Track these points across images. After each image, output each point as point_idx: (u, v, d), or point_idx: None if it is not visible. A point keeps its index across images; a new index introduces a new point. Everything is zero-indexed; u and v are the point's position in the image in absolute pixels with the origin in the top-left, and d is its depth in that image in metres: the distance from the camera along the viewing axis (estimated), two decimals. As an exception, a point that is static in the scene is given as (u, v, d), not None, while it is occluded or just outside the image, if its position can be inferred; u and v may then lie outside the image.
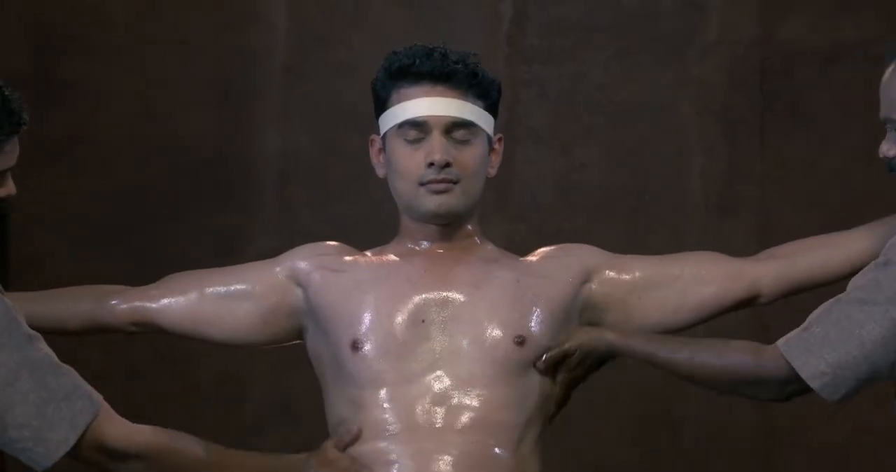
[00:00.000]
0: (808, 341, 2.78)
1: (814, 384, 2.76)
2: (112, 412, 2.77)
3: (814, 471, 4.82)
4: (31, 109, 4.73)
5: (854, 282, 2.80)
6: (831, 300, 2.80)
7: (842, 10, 4.83)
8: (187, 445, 2.91)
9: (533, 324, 3.06)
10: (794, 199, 4.81)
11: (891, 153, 2.92)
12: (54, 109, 4.80)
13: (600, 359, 3.08)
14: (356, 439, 2.99)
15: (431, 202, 3.05)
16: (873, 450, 4.75)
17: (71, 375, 2.71)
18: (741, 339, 2.97)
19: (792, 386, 2.82)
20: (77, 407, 2.70)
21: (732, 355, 2.91)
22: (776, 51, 4.84)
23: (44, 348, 2.69)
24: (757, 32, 4.84)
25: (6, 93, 2.74)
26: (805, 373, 2.76)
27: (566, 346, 3.04)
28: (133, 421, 2.80)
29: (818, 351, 2.76)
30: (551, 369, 3.05)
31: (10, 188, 2.80)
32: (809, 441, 4.81)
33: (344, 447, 3.00)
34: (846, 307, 2.77)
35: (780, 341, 2.81)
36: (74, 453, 2.70)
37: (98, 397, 2.74)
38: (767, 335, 3.06)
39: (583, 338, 3.05)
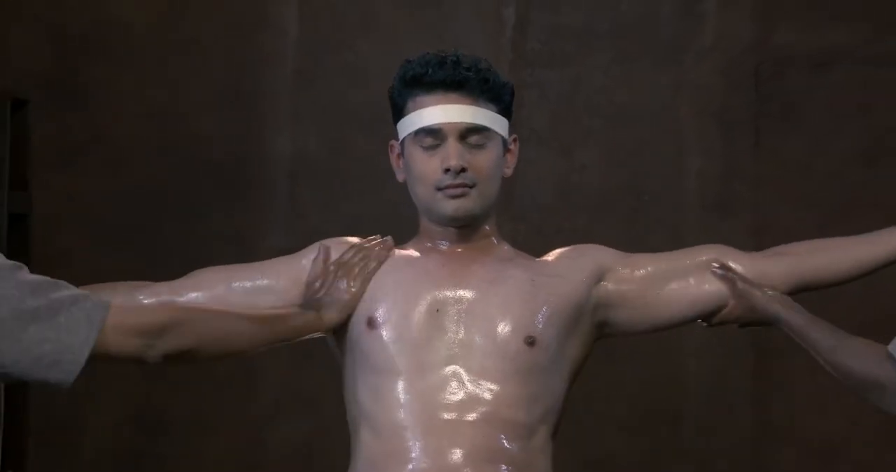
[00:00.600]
0: None
1: None
2: (122, 305, 2.79)
3: (806, 462, 4.82)
4: (51, 112, 4.82)
5: None
6: None
7: (832, 17, 4.83)
8: (204, 308, 2.97)
9: (543, 324, 3.05)
10: (789, 198, 4.81)
11: None
12: (74, 111, 4.83)
13: (760, 321, 3.09)
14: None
15: (449, 206, 3.05)
16: (865, 442, 4.76)
17: (71, 287, 2.70)
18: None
19: None
20: (88, 307, 2.67)
21: (871, 360, 2.88)
22: (770, 55, 4.84)
23: (33, 274, 2.67)
24: (751, 38, 4.84)
25: None
26: None
27: (738, 285, 3.07)
28: (150, 414, 2.83)
29: None
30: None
31: None
32: (803, 433, 4.82)
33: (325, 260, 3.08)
34: None
35: (891, 347, 2.82)
36: (101, 351, 2.67)
37: (105, 297, 2.75)
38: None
39: (756, 293, 3.05)
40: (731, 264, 3.12)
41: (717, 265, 3.09)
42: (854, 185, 4.78)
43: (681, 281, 3.14)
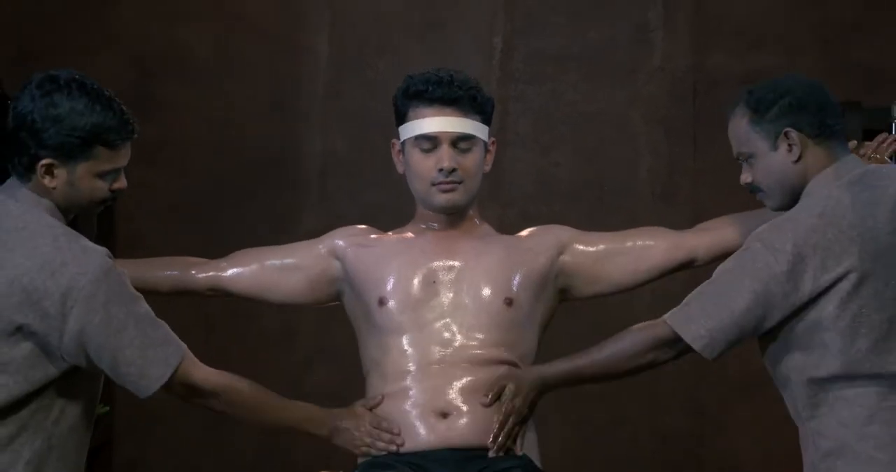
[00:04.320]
0: (688, 314, 2.81)
1: (696, 346, 2.79)
2: (193, 357, 2.83)
3: (731, 395, 4.78)
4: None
5: (721, 267, 2.83)
6: (703, 284, 2.83)
7: (753, 45, 4.79)
8: (249, 387, 2.94)
9: (518, 288, 3.10)
10: (720, 189, 4.64)
11: (747, 180, 2.91)
12: (150, 120, 4.55)
13: (535, 389, 3.02)
14: (379, 404, 3.02)
15: (441, 199, 3.12)
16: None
17: (164, 327, 2.78)
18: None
19: (676, 348, 2.84)
20: (170, 351, 2.76)
21: (633, 336, 2.91)
22: (705, 75, 4.81)
23: (145, 305, 2.75)
24: (690, 61, 4.82)
25: (121, 106, 2.77)
26: (688, 337, 2.79)
27: (501, 381, 3.00)
28: (210, 361, 2.88)
29: (697, 320, 2.79)
30: (495, 401, 2.98)
31: (122, 183, 2.80)
32: (729, 373, 4.73)
33: (370, 409, 3.03)
34: (717, 287, 2.79)
35: (666, 316, 2.84)
36: (167, 386, 2.76)
37: (183, 345, 2.81)
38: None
39: (515, 372, 3.01)
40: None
41: (483, 401, 2.97)
42: None
43: (624, 256, 3.19)
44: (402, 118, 3.15)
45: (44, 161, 2.70)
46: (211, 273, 3.22)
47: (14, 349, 2.66)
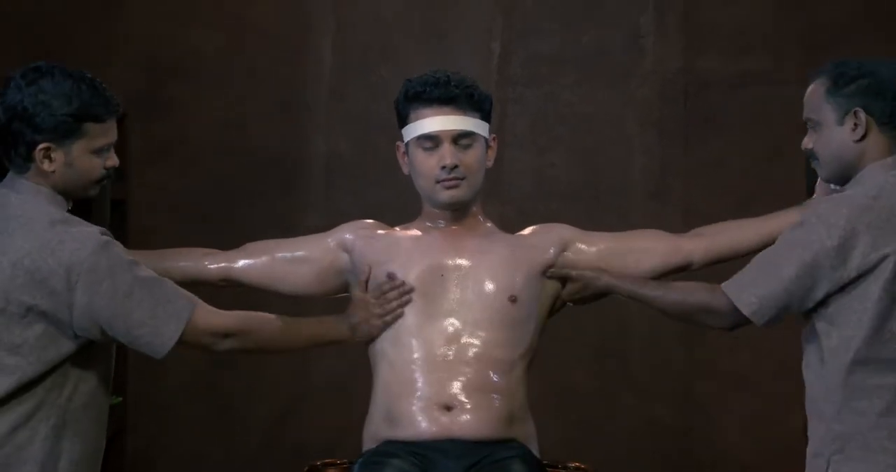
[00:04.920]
0: (741, 282, 2.83)
1: (745, 311, 2.80)
2: (207, 306, 2.83)
3: (722, 390, 4.79)
4: (144, 121, 4.68)
5: (779, 238, 2.85)
6: (759, 254, 2.86)
7: (742, 50, 4.81)
8: (265, 319, 2.97)
9: (521, 286, 3.10)
10: (711, 188, 4.78)
11: (808, 146, 2.90)
12: (161, 120, 4.83)
13: (596, 293, 3.14)
14: (368, 276, 3.10)
15: (445, 195, 3.12)
16: (766, 375, 4.73)
17: (169, 284, 2.79)
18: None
19: (732, 316, 2.85)
20: (179, 306, 2.76)
21: (694, 293, 2.92)
22: (695, 79, 4.81)
23: (146, 269, 2.77)
24: (681, 65, 4.81)
25: (103, 85, 2.81)
26: (740, 304, 2.81)
27: (572, 273, 3.11)
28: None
29: (749, 288, 2.80)
30: (557, 278, 3.11)
31: (115, 160, 2.85)
32: (720, 368, 4.80)
33: (366, 282, 3.09)
34: (771, 257, 2.82)
35: (724, 284, 2.85)
36: (182, 340, 2.76)
37: (193, 296, 2.81)
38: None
39: (586, 273, 3.11)
40: (571, 255, 3.17)
41: (552, 271, 3.13)
42: (760, 178, 4.75)
43: (623, 257, 3.18)
44: (403, 120, 3.15)
45: (41, 146, 2.74)
46: (223, 264, 3.21)
47: (27, 331, 2.69)
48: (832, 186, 2.95)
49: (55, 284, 2.67)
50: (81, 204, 2.89)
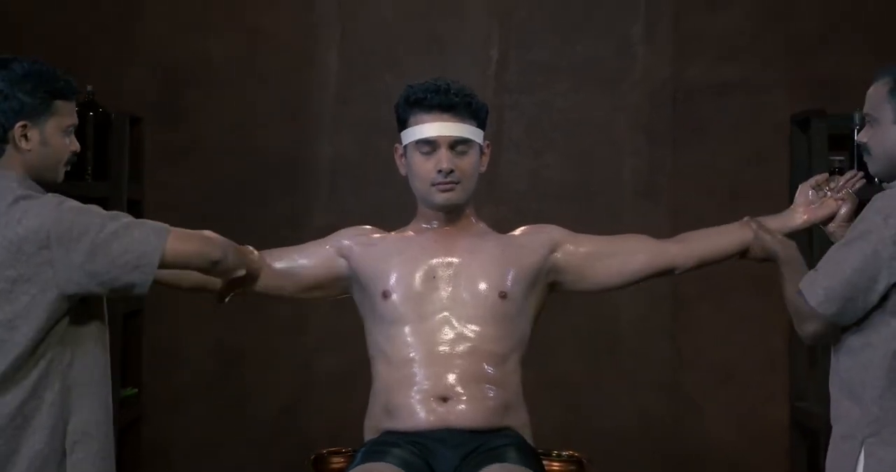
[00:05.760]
0: (811, 279, 2.82)
1: (813, 303, 2.79)
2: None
3: (707, 382, 4.79)
4: (159, 126, 4.70)
5: (846, 235, 2.85)
6: (829, 251, 2.85)
7: (727, 59, 4.82)
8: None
9: (512, 282, 3.11)
10: (697, 189, 4.78)
11: (863, 140, 2.89)
12: (176, 126, 4.84)
13: (767, 257, 3.10)
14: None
15: (440, 198, 3.13)
16: (751, 367, 4.75)
17: (130, 216, 2.80)
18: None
19: (811, 318, 2.82)
20: (152, 225, 2.77)
21: (793, 303, 2.89)
22: (683, 85, 4.81)
23: (104, 210, 2.78)
24: (669, 73, 4.82)
25: (50, 67, 2.82)
26: (809, 298, 2.79)
27: (762, 235, 3.09)
28: (226, 347, 2.85)
29: (818, 282, 2.80)
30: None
31: (77, 144, 2.87)
32: (705, 360, 4.80)
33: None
34: (837, 253, 2.81)
35: (800, 284, 2.85)
36: (172, 254, 2.73)
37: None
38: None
39: (768, 239, 3.08)
40: (760, 219, 3.16)
41: (747, 219, 3.15)
42: (743, 179, 4.77)
43: (610, 260, 3.19)
44: (403, 124, 3.16)
45: (19, 124, 2.78)
46: None
47: (15, 304, 2.72)
48: (883, 183, 2.94)
49: (29, 248, 2.69)
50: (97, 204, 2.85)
